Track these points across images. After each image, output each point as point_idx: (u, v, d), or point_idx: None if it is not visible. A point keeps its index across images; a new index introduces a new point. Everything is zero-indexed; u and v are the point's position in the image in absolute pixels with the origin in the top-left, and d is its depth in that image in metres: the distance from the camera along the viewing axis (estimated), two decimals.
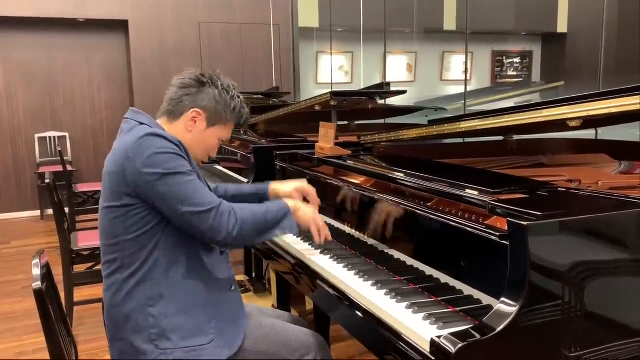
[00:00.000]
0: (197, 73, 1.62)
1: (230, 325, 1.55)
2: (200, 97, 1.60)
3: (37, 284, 1.23)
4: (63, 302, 2.89)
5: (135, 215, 1.47)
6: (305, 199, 1.91)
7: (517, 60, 7.95)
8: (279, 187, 1.92)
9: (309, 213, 1.74)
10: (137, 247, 1.48)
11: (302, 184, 1.95)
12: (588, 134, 2.50)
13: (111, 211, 1.49)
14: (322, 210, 2.22)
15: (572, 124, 1.54)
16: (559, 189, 1.56)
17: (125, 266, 1.49)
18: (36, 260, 1.34)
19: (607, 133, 2.51)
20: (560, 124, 1.59)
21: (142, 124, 1.54)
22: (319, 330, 2.31)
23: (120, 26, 6.43)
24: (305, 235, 2.03)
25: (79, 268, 3.09)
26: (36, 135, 6.40)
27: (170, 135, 1.51)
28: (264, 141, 3.15)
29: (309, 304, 2.67)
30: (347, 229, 2.00)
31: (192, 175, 1.50)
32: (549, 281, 1.19)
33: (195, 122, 1.60)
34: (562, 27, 6.87)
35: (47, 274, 1.41)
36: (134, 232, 1.47)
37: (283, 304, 2.53)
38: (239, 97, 1.66)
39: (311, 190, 1.93)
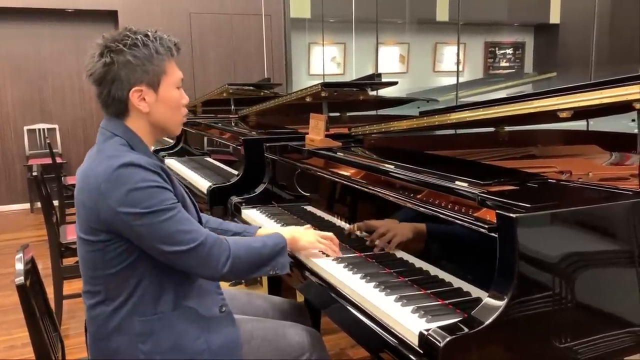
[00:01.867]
0: (95, 58, 1.38)
1: (223, 352, 1.47)
2: (122, 75, 1.37)
3: (20, 280, 1.21)
4: (52, 296, 2.89)
5: (115, 250, 1.36)
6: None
7: (509, 51, 7.94)
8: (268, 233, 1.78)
9: (311, 239, 1.67)
10: (120, 280, 1.37)
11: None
12: (579, 125, 2.50)
13: (88, 244, 1.38)
14: (312, 203, 2.21)
15: (563, 115, 1.53)
16: (549, 180, 1.55)
17: (110, 299, 1.39)
18: (19, 255, 1.32)
19: (599, 124, 2.51)
20: (551, 115, 1.58)
21: (115, 135, 1.41)
22: (310, 323, 2.30)
23: (109, 16, 6.35)
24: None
25: (69, 261, 3.06)
26: (25, 128, 6.34)
27: (150, 162, 1.35)
28: (254, 133, 3.13)
29: (300, 297, 2.66)
30: (336, 221, 1.99)
31: (175, 208, 1.36)
32: (538, 273, 1.18)
33: (144, 99, 1.41)
34: (554, 18, 6.86)
35: (31, 269, 1.39)
36: (116, 266, 1.36)
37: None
38: (146, 36, 1.40)
39: (328, 235, 1.80)
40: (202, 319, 1.47)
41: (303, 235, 1.68)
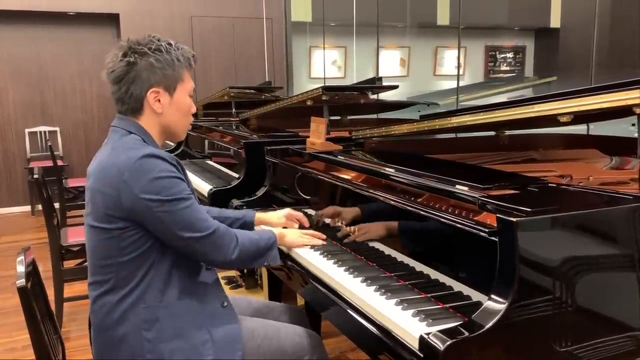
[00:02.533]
0: (118, 57, 1.46)
1: (226, 344, 1.50)
2: (144, 76, 1.45)
3: (22, 282, 1.21)
4: (53, 298, 2.88)
5: (131, 237, 1.41)
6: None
7: (510, 55, 7.95)
8: (266, 216, 1.97)
9: (295, 236, 1.84)
10: (132, 268, 1.42)
11: (289, 210, 1.99)
12: (579, 129, 2.50)
13: (103, 232, 1.42)
14: (312, 206, 2.21)
15: (563, 119, 1.53)
16: (550, 184, 1.55)
17: (119, 287, 1.43)
18: (20, 258, 1.32)
19: (599, 128, 2.51)
20: (552, 119, 1.58)
21: (130, 132, 1.48)
22: (310, 326, 2.30)
23: (111, 20, 6.37)
24: None
25: (69, 264, 3.07)
26: (26, 130, 6.34)
27: (168, 155, 1.44)
28: (255, 136, 3.13)
29: (301, 300, 2.66)
30: (337, 224, 1.99)
31: (191, 198, 1.45)
32: (539, 277, 1.18)
33: (160, 101, 1.49)
34: (555, 22, 6.87)
35: (32, 271, 1.39)
36: (130, 254, 1.42)
37: (274, 300, 2.52)
38: (170, 44, 1.50)
39: (300, 215, 1.99)
40: (205, 312, 1.51)
41: (288, 233, 1.85)
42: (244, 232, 1.61)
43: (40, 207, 4.15)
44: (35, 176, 2.98)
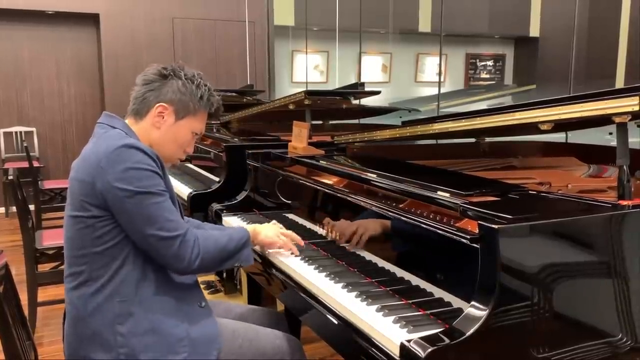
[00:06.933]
0: (159, 67, 1.57)
1: (202, 342, 1.48)
2: (164, 90, 1.54)
3: None
4: (26, 302, 2.82)
5: (104, 227, 1.40)
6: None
7: (490, 63, 8.05)
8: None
9: (270, 234, 1.77)
10: (105, 260, 1.41)
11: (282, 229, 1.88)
12: (558, 137, 2.53)
13: (78, 221, 1.42)
14: (293, 211, 2.20)
15: (544, 127, 1.54)
16: (530, 191, 1.56)
17: (93, 280, 1.42)
18: None
19: (577, 137, 2.55)
20: (533, 127, 1.59)
21: (115, 128, 1.49)
22: (289, 331, 2.28)
23: (91, 19, 6.28)
24: None
25: (44, 267, 3.00)
26: (1, 130, 6.21)
27: (149, 149, 1.44)
28: (236, 139, 3.11)
29: (281, 305, 2.64)
30: (318, 229, 1.98)
31: (164, 196, 1.43)
32: (520, 284, 1.19)
33: (163, 117, 1.54)
34: (534, 31, 6.98)
35: (5, 276, 1.35)
36: (103, 244, 1.41)
37: (254, 305, 2.49)
38: (205, 85, 1.60)
39: (288, 232, 1.87)
40: (182, 310, 1.49)
41: (263, 229, 1.78)
42: (210, 237, 1.54)
43: (14, 209, 4.05)
44: (10, 177, 2.91)
